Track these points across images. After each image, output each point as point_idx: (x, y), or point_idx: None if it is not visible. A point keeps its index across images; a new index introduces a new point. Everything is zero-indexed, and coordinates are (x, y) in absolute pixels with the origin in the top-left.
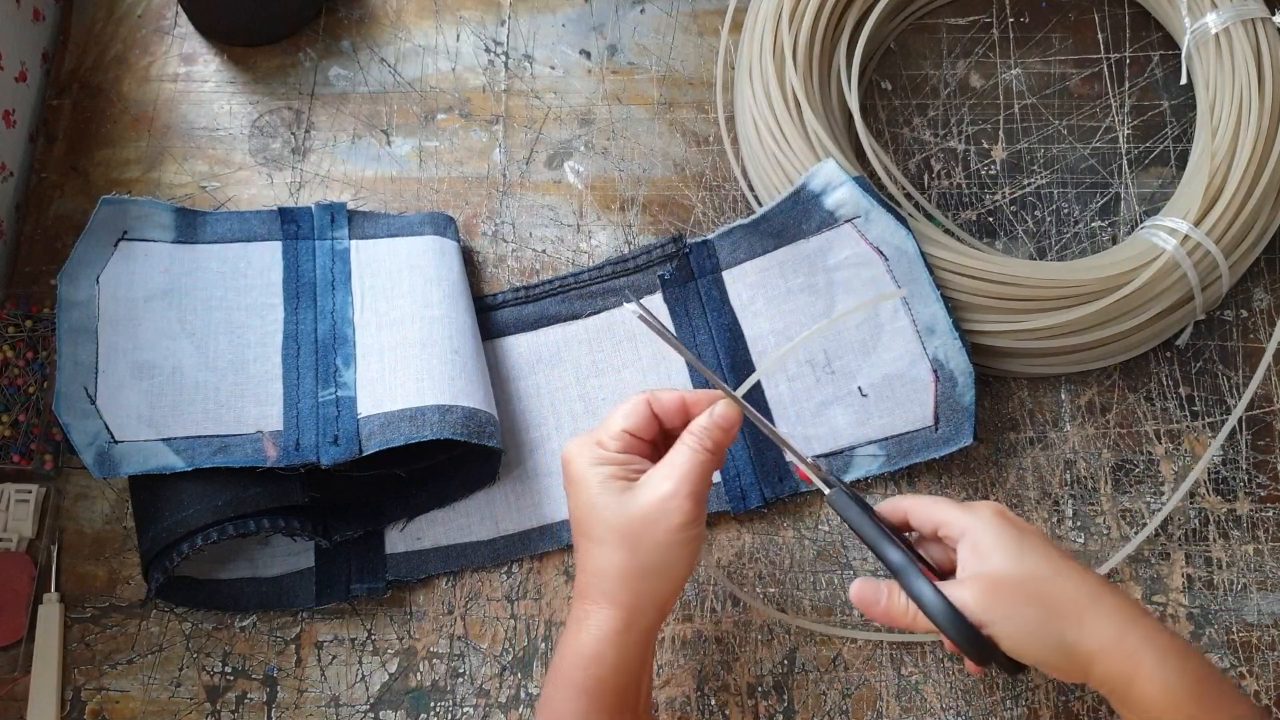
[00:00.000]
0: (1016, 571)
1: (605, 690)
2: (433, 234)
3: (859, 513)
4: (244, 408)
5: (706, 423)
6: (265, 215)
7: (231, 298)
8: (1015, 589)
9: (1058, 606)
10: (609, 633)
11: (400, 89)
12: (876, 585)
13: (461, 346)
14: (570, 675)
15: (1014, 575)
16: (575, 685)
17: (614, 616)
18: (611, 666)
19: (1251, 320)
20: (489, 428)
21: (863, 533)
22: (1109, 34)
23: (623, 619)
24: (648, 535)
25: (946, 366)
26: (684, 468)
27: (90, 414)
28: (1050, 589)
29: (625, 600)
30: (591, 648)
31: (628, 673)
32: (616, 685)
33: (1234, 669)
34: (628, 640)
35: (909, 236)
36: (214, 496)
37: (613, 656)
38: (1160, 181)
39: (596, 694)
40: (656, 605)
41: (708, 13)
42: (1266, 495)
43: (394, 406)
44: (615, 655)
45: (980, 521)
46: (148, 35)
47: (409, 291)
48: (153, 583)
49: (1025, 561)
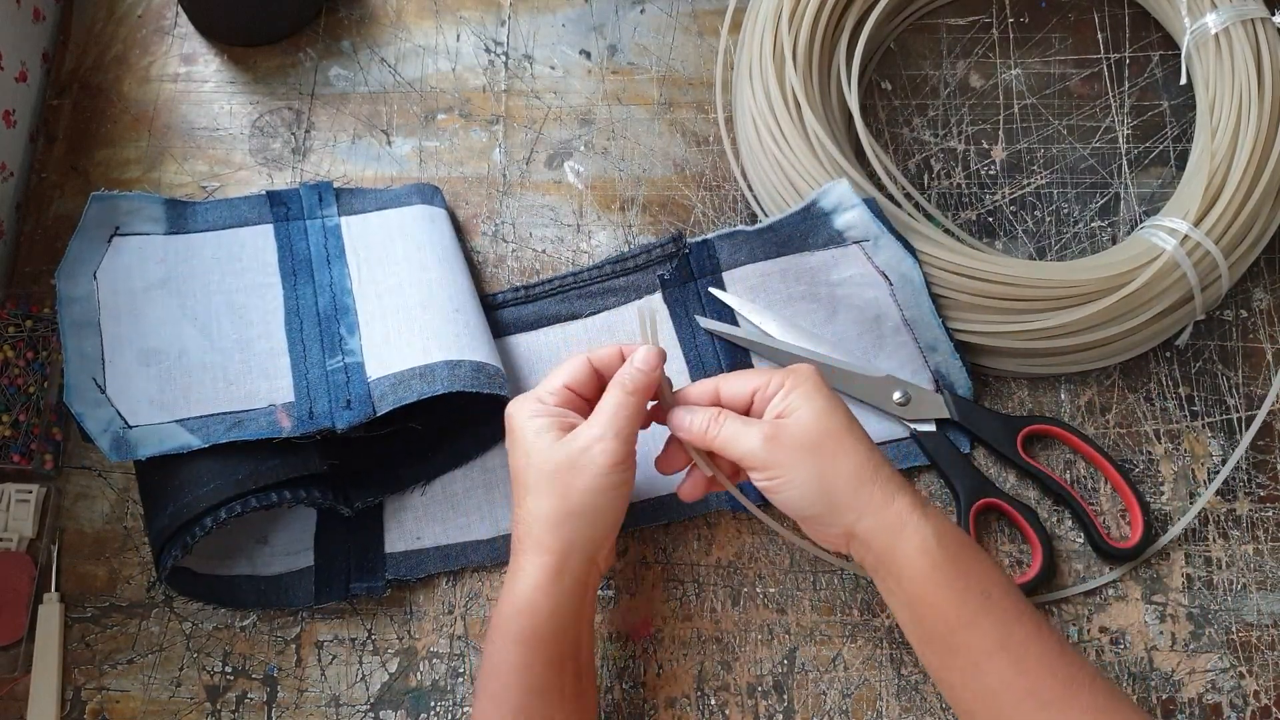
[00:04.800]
0: (813, 427)
1: (541, 639)
2: (421, 203)
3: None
4: (254, 383)
5: (629, 367)
6: (254, 200)
7: (229, 281)
8: (806, 442)
9: (840, 466)
10: (541, 580)
11: (400, 89)
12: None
13: (462, 305)
14: (506, 627)
15: (809, 430)
16: (511, 636)
17: (545, 564)
18: (546, 614)
19: (1251, 320)
20: (498, 379)
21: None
22: (1109, 34)
23: (554, 565)
24: (576, 478)
25: (948, 378)
26: (609, 410)
27: (101, 402)
28: (836, 450)
29: (555, 546)
30: (525, 597)
31: (562, 621)
32: (552, 633)
33: (1234, 669)
34: (560, 587)
35: (915, 265)
36: (233, 471)
37: (546, 604)
38: (1160, 181)
39: (532, 643)
40: (586, 550)
41: (708, 13)
42: (1266, 495)
43: (402, 366)
44: (549, 603)
45: (797, 376)
46: (148, 35)
47: (404, 258)
48: (168, 559)
49: (822, 421)
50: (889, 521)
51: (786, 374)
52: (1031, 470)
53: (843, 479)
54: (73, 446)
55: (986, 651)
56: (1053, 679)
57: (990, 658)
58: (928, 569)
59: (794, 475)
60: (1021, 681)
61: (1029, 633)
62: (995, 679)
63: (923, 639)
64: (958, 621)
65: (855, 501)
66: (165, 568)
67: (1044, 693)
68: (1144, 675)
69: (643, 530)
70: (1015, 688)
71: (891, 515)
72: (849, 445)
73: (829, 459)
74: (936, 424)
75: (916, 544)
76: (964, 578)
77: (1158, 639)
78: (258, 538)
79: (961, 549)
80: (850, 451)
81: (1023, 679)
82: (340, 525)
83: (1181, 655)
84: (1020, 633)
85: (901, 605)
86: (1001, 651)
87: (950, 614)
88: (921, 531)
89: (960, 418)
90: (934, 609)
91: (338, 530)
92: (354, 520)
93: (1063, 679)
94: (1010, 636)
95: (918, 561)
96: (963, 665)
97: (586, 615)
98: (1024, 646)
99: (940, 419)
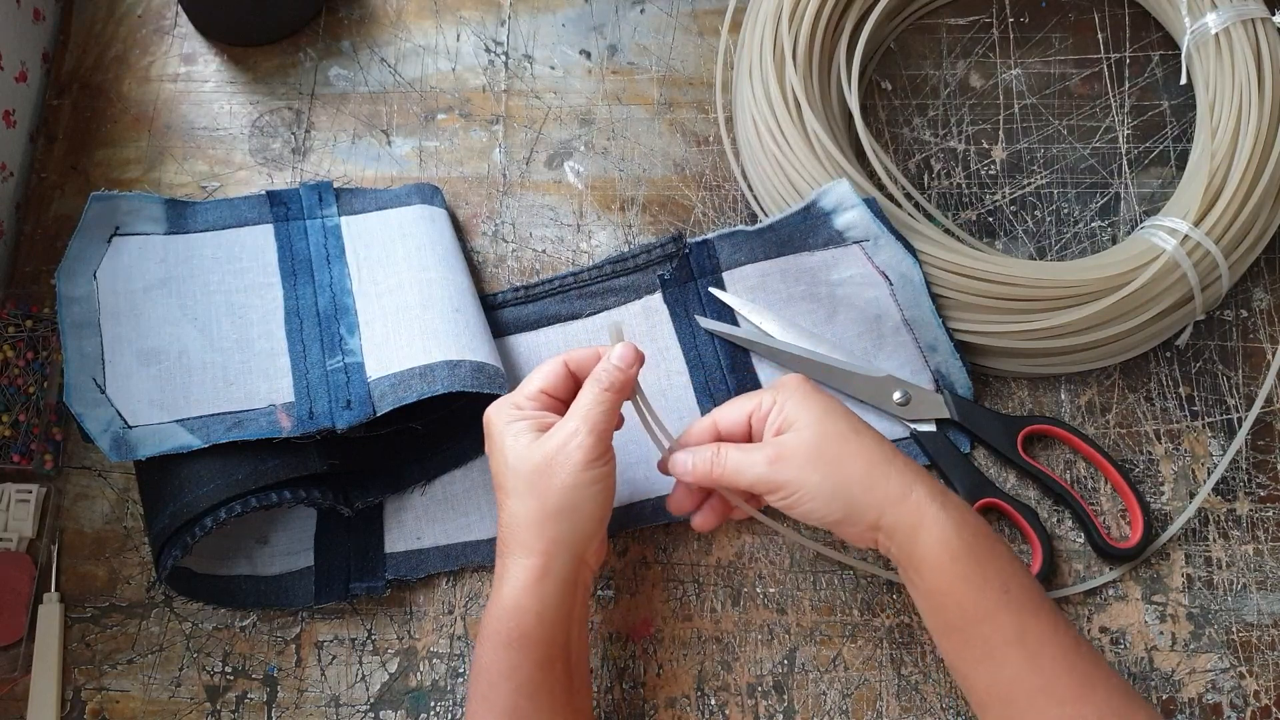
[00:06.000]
0: (814, 435)
1: (529, 642)
2: (420, 203)
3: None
4: (254, 383)
5: (605, 363)
6: (254, 200)
7: (229, 280)
8: (810, 452)
9: (851, 468)
10: (526, 582)
11: (400, 89)
12: (705, 447)
13: (462, 305)
14: (494, 631)
15: (811, 439)
16: (499, 638)
17: (529, 565)
18: (533, 616)
19: (1251, 320)
20: (498, 379)
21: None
22: (1109, 34)
23: (538, 566)
24: (554, 478)
25: (948, 379)
26: (584, 406)
27: (101, 402)
28: (843, 452)
29: (538, 547)
30: (512, 600)
31: (551, 622)
32: (541, 636)
33: (1234, 669)
34: (546, 588)
35: (915, 265)
36: (233, 471)
37: (533, 605)
38: (1160, 181)
39: (520, 644)
40: (570, 550)
41: (708, 13)
42: (1266, 495)
43: (403, 366)
44: (535, 604)
45: (786, 390)
46: (148, 35)
47: (404, 258)
48: (168, 559)
49: (822, 426)
50: (907, 514)
51: (775, 389)
52: (1031, 470)
53: (855, 478)
54: (73, 446)
55: (1003, 645)
56: (1068, 676)
57: (1006, 651)
58: (946, 561)
59: (807, 487)
60: (1036, 677)
61: (1046, 628)
62: (1010, 673)
63: (941, 630)
64: (975, 614)
65: (873, 498)
66: (165, 568)
67: (1059, 689)
68: (1144, 675)
69: (643, 530)
70: (1030, 683)
71: (910, 508)
72: (855, 444)
73: (837, 462)
74: (936, 424)
75: (936, 536)
76: (982, 571)
77: (1158, 639)
78: (258, 538)
79: (980, 541)
80: (858, 450)
81: (1038, 674)
82: (340, 525)
83: (1181, 655)
84: (1037, 628)
85: (922, 596)
86: (1018, 645)
87: (968, 606)
88: (940, 523)
89: (960, 418)
90: (952, 601)
91: (338, 530)
92: (354, 520)
93: (1078, 676)
94: (1027, 631)
95: (937, 553)
96: (979, 657)
97: (577, 615)
98: (1040, 642)
99: (940, 419)
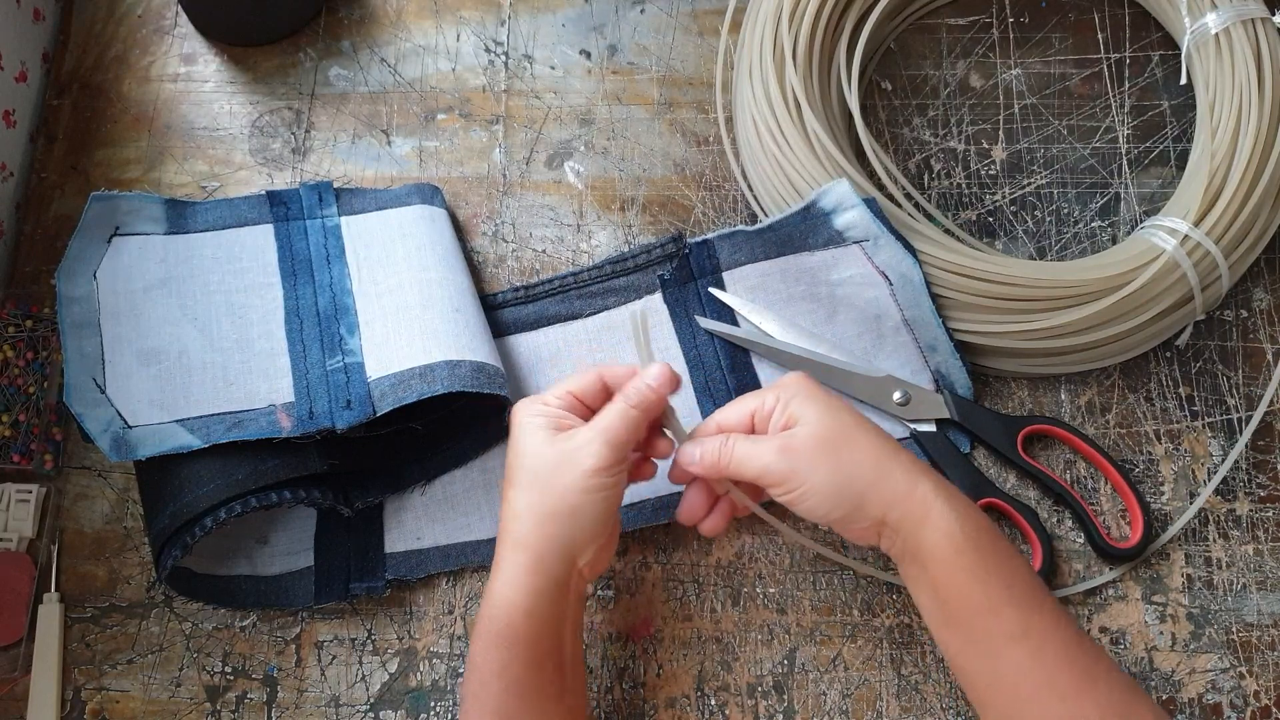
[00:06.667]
0: (821, 428)
1: (519, 639)
2: (420, 203)
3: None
4: (254, 384)
5: (638, 381)
6: (254, 200)
7: (229, 280)
8: (818, 444)
9: (857, 462)
10: (518, 577)
11: (400, 89)
12: (713, 438)
13: (462, 305)
14: (487, 629)
15: (819, 432)
16: (490, 637)
17: (521, 561)
18: (524, 613)
19: (1251, 320)
20: (498, 379)
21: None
22: (1109, 34)
23: (529, 563)
24: (560, 476)
25: (948, 379)
26: (607, 418)
27: (101, 402)
28: (849, 446)
29: (532, 543)
30: (504, 596)
31: (542, 621)
32: (530, 635)
33: (1234, 669)
34: (538, 585)
35: (915, 265)
36: (233, 471)
37: (525, 603)
38: (1160, 181)
39: (510, 643)
40: (563, 552)
41: (708, 13)
42: (1266, 495)
43: (402, 367)
44: (527, 601)
45: (789, 388)
46: (148, 35)
47: (404, 258)
48: (168, 559)
49: (829, 420)
50: (913, 509)
51: (777, 388)
52: (1031, 470)
53: (861, 472)
54: (73, 446)
55: (1006, 640)
56: (1071, 671)
57: (1009, 646)
58: (951, 554)
59: (813, 480)
60: (1039, 672)
61: (1049, 623)
62: (1013, 667)
63: (943, 624)
64: (979, 608)
65: (878, 493)
66: (165, 568)
67: (1061, 684)
68: (1144, 675)
69: (643, 530)
70: (1033, 677)
71: (915, 502)
72: (860, 439)
73: (843, 456)
74: (936, 424)
75: (941, 529)
76: (986, 565)
77: (1158, 639)
78: (258, 538)
79: (984, 536)
80: (863, 445)
81: (1041, 669)
82: (340, 525)
83: (1181, 655)
84: (1040, 623)
85: (924, 590)
86: (1021, 640)
87: (972, 600)
88: (946, 517)
89: (960, 418)
90: (956, 594)
91: (338, 530)
92: (354, 520)
93: (1081, 671)
94: (1030, 626)
95: (942, 546)
96: (982, 652)
97: (570, 619)
98: (1043, 637)
99: (940, 419)
